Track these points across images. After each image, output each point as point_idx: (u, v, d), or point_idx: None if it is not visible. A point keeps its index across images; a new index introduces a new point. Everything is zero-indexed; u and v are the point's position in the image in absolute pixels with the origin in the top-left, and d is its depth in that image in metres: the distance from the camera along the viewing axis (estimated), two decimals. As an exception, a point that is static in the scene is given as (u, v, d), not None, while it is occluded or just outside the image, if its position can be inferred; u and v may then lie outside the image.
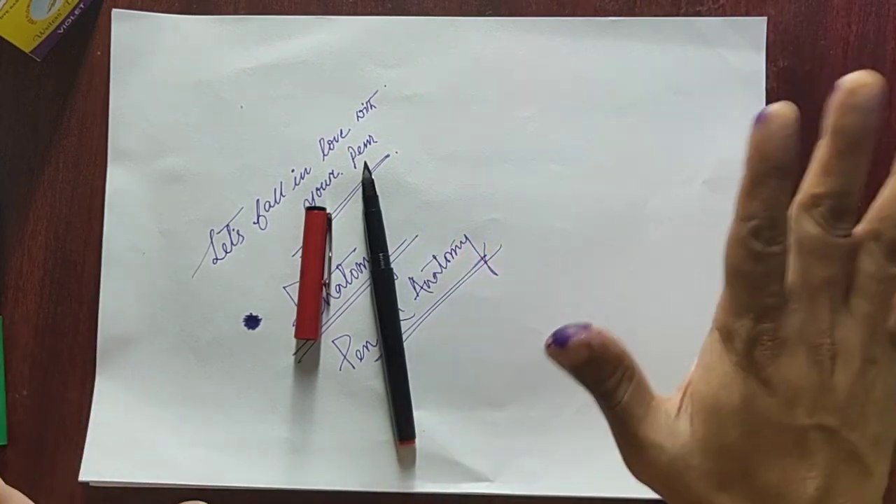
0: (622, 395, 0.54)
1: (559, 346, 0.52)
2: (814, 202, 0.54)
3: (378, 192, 0.72)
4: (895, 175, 0.57)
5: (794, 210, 0.53)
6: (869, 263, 0.53)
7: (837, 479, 0.53)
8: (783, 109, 0.52)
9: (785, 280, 0.52)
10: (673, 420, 0.53)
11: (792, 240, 0.52)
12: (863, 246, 0.53)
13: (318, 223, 0.72)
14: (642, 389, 0.54)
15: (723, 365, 0.52)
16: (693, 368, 0.55)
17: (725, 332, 0.52)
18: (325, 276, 0.72)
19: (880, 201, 0.56)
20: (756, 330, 0.51)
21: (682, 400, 0.54)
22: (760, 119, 0.54)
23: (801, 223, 0.53)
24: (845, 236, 0.54)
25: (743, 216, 0.52)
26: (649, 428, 0.53)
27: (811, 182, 0.54)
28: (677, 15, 0.72)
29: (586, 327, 0.52)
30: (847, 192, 0.55)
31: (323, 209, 0.72)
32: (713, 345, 0.54)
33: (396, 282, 0.72)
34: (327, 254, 0.72)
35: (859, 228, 0.53)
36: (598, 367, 0.53)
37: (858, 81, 0.52)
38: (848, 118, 0.54)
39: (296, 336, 0.71)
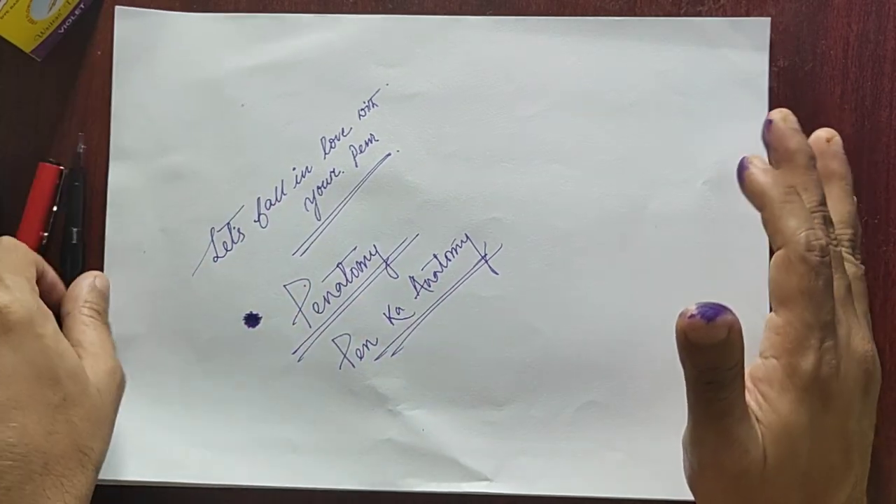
0: (735, 389, 0.55)
1: (706, 319, 0.54)
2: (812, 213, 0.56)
3: (379, 191, 0.72)
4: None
5: None
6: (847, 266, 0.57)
7: (862, 478, 0.55)
8: (784, 111, 0.56)
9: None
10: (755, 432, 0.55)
11: None
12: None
13: (49, 176, 0.74)
14: (744, 391, 0.55)
15: (788, 393, 0.54)
16: (751, 396, 0.57)
17: (791, 366, 0.54)
18: (46, 230, 0.74)
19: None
20: (822, 350, 0.53)
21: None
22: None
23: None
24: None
25: (791, 233, 0.54)
26: (742, 428, 0.54)
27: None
28: (678, 15, 0.72)
29: (730, 310, 0.54)
30: (825, 201, 0.57)
31: (58, 164, 0.74)
32: (773, 373, 0.55)
33: (397, 280, 0.72)
34: (52, 209, 0.74)
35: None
36: (728, 352, 0.54)
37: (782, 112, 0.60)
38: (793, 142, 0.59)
39: None
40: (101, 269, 0.73)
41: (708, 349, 0.54)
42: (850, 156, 0.69)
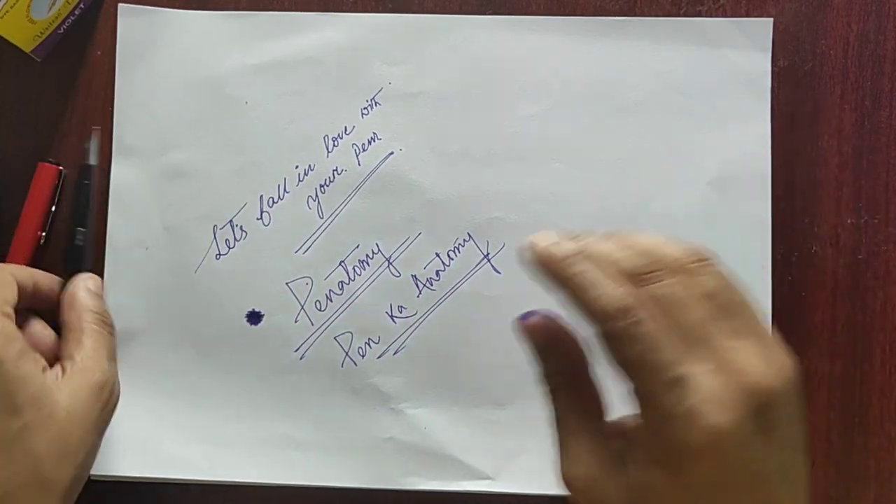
0: (559, 400, 0.54)
1: (520, 319, 0.55)
2: None
3: (381, 189, 0.72)
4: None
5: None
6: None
7: None
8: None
9: None
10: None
11: None
12: None
13: (48, 176, 0.74)
14: (575, 405, 0.53)
15: None
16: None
17: None
18: (44, 229, 0.74)
19: None
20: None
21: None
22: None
23: None
24: None
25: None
26: (574, 442, 0.53)
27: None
28: (678, 15, 0.72)
29: (547, 316, 0.54)
30: None
31: (57, 164, 0.74)
32: None
33: (399, 279, 0.72)
34: (51, 209, 0.74)
35: None
36: (540, 357, 0.54)
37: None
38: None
39: None
40: (103, 267, 0.73)
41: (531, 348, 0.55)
42: (850, 155, 0.70)
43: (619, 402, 0.51)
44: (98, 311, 0.67)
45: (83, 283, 0.68)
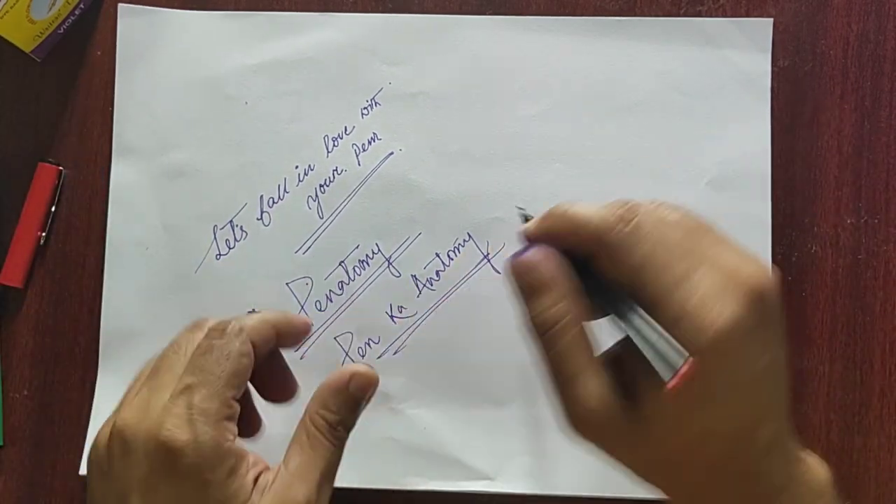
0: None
1: (512, 258, 0.53)
2: None
3: (382, 189, 0.72)
4: None
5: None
6: None
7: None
8: None
9: None
10: None
11: None
12: None
13: (48, 176, 0.74)
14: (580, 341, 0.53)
15: None
16: None
17: None
18: (44, 229, 0.74)
19: None
20: None
21: None
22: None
23: None
24: None
25: None
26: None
27: None
28: (677, 14, 0.72)
29: (537, 250, 0.53)
30: None
31: (57, 164, 0.74)
32: None
33: (399, 279, 0.72)
34: (51, 209, 0.74)
35: None
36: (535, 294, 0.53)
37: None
38: None
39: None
40: (101, 267, 0.73)
41: (520, 292, 0.53)
42: (850, 155, 0.70)
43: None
44: (332, 421, 0.58)
45: (347, 377, 0.58)
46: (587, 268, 0.51)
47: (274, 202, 0.72)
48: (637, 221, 0.50)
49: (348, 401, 0.58)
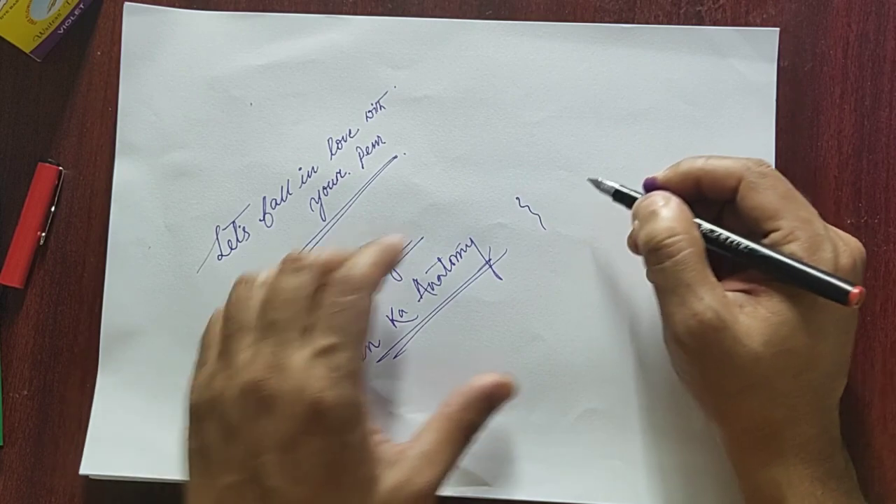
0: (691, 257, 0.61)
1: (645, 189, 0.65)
2: None
3: (384, 193, 0.72)
4: None
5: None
6: None
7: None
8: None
9: None
10: None
11: None
12: None
13: (48, 176, 0.74)
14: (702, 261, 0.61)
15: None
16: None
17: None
18: (44, 229, 0.74)
19: None
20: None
21: None
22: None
23: None
24: None
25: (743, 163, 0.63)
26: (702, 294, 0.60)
27: None
28: (678, 14, 0.72)
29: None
30: None
31: (57, 165, 0.74)
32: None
33: (400, 283, 0.71)
34: (51, 209, 0.74)
35: None
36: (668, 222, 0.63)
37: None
38: None
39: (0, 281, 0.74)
40: (101, 267, 0.73)
41: (649, 216, 0.62)
42: (850, 155, 0.70)
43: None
44: (470, 423, 0.62)
45: (486, 385, 0.63)
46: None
47: (277, 204, 0.72)
48: (770, 170, 0.62)
49: (488, 408, 0.62)
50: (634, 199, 0.65)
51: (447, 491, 0.69)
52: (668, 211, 0.61)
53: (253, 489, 0.55)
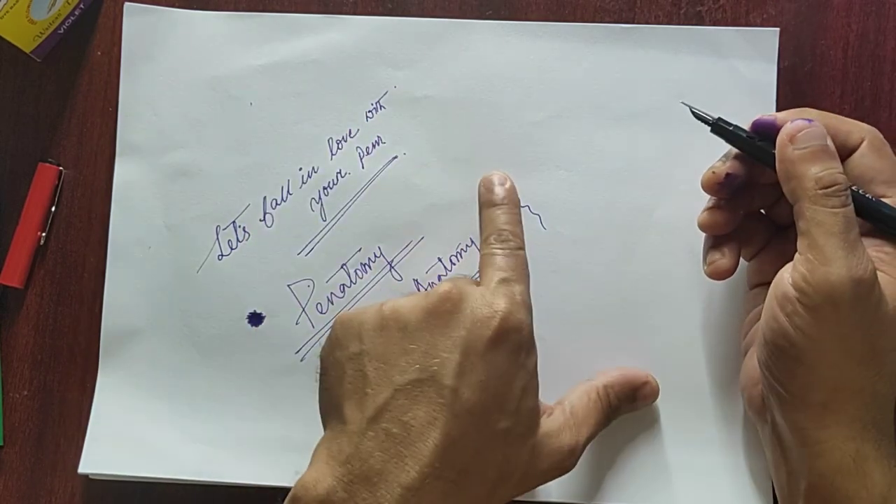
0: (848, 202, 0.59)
1: (808, 121, 0.60)
2: None
3: (385, 193, 0.72)
4: None
5: None
6: None
7: None
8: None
9: None
10: None
11: None
12: None
13: (48, 176, 0.74)
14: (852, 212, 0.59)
15: None
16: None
17: None
18: (44, 229, 0.74)
19: None
20: None
21: None
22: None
23: None
24: None
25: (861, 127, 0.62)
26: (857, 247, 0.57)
27: None
28: (678, 13, 0.72)
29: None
30: None
31: (57, 165, 0.74)
32: None
33: (401, 283, 0.72)
34: (51, 209, 0.74)
35: None
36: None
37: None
38: None
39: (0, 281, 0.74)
40: (101, 267, 0.73)
41: (820, 152, 0.58)
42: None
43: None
44: (615, 404, 0.67)
45: (638, 378, 0.68)
46: None
47: (277, 203, 0.72)
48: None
49: (632, 399, 0.67)
50: (738, 134, 0.64)
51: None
52: (832, 151, 0.59)
53: (431, 385, 0.57)
